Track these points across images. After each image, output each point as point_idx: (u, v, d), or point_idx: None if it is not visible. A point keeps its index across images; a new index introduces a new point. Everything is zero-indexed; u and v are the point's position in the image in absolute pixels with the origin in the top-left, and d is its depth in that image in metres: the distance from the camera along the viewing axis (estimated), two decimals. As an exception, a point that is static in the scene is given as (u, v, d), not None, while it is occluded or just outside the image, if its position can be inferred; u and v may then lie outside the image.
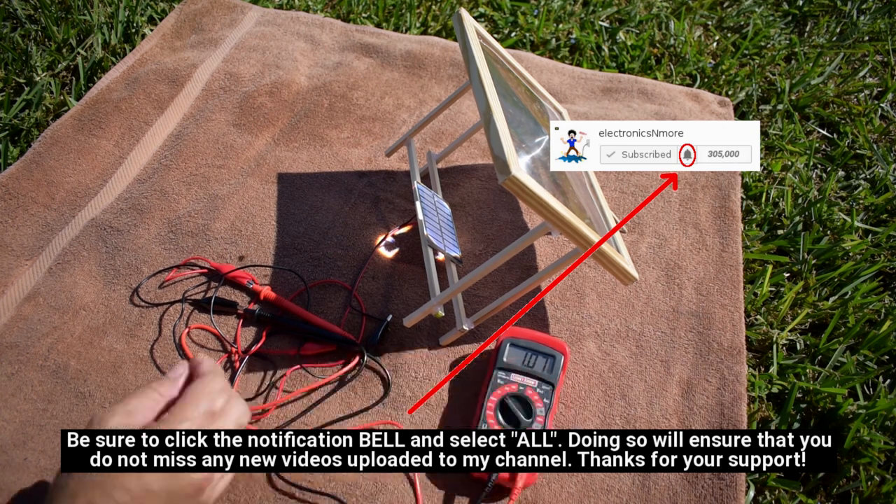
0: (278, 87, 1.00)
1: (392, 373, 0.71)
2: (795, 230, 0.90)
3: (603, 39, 1.19)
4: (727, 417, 0.68)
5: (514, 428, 0.64)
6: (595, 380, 0.71)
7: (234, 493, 0.61)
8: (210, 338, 0.73)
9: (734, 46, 1.22)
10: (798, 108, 1.09)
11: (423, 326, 0.75)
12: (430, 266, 0.72)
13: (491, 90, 0.62)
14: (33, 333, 0.72)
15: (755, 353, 0.79)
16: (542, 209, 0.57)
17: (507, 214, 0.87)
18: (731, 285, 0.80)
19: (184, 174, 0.88)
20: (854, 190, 0.97)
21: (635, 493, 0.63)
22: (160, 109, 0.96)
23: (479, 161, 0.93)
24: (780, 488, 0.67)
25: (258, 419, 0.67)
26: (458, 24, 0.71)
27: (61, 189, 0.86)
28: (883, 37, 1.25)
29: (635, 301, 0.78)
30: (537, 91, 0.86)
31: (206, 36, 1.09)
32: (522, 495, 0.63)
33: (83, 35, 1.10)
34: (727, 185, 0.91)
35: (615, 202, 0.89)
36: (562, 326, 0.76)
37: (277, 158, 0.91)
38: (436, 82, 1.04)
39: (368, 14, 1.21)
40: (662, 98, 1.04)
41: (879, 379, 0.76)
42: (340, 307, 0.76)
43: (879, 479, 0.68)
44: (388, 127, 0.97)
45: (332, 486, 0.63)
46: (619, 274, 0.65)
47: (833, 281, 0.85)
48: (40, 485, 0.61)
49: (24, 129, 0.96)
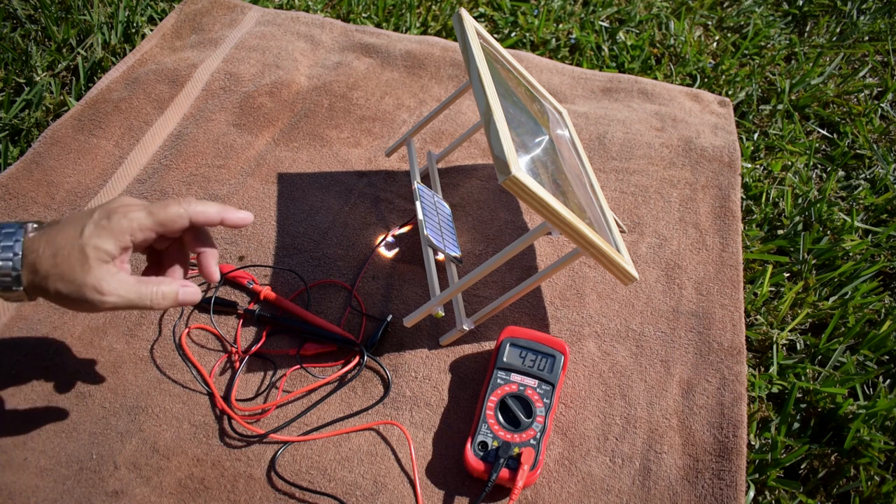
0: (278, 87, 1.00)
1: (392, 373, 0.71)
2: (795, 230, 0.90)
3: (603, 39, 1.19)
4: (727, 417, 0.68)
5: (515, 428, 0.64)
6: (595, 380, 0.71)
7: (234, 494, 0.62)
8: (210, 338, 0.73)
9: (734, 46, 1.22)
10: (798, 108, 1.09)
11: (423, 326, 0.75)
12: (430, 266, 0.72)
13: (491, 90, 0.62)
14: (33, 333, 0.72)
15: (755, 353, 0.79)
16: (542, 209, 0.57)
17: (507, 214, 0.87)
18: (731, 285, 0.80)
19: (184, 174, 0.88)
20: (854, 190, 0.97)
21: (635, 493, 0.63)
22: (160, 109, 0.96)
23: (479, 161, 0.93)
24: (780, 488, 0.67)
25: (258, 419, 0.67)
26: (458, 24, 0.71)
27: (61, 189, 0.85)
28: (883, 37, 1.25)
29: (635, 301, 0.78)
30: (537, 91, 0.86)
31: (206, 36, 1.09)
32: (522, 495, 0.63)
33: (83, 35, 1.10)
34: (727, 185, 0.91)
35: (615, 202, 0.89)
36: (562, 326, 0.76)
37: (277, 158, 0.91)
38: (436, 82, 1.04)
39: (368, 14, 1.21)
40: (662, 98, 1.04)
41: (879, 379, 0.76)
42: (340, 307, 0.76)
43: (879, 479, 0.68)
44: (388, 127, 0.97)
45: (332, 487, 0.63)
46: (619, 274, 0.65)
47: (833, 281, 0.85)
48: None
49: (24, 129, 0.96)
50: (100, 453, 0.63)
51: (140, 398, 0.67)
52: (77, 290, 0.52)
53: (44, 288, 0.52)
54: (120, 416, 0.66)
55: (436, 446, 0.66)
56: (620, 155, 0.94)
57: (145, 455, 0.63)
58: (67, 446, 0.64)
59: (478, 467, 0.62)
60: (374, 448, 0.65)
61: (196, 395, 0.68)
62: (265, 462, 0.64)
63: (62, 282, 0.52)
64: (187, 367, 0.70)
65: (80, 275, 0.52)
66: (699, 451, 0.66)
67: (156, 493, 0.61)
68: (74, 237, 0.52)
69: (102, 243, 0.53)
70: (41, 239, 0.52)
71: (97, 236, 0.53)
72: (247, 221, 0.59)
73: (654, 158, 0.94)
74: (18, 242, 0.52)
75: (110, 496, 0.61)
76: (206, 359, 0.71)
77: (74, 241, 0.52)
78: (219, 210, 0.58)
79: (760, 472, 0.68)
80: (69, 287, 0.52)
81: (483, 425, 0.64)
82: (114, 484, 0.61)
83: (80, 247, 0.52)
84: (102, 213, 0.54)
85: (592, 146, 0.96)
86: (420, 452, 0.65)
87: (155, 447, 0.64)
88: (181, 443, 0.64)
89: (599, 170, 0.93)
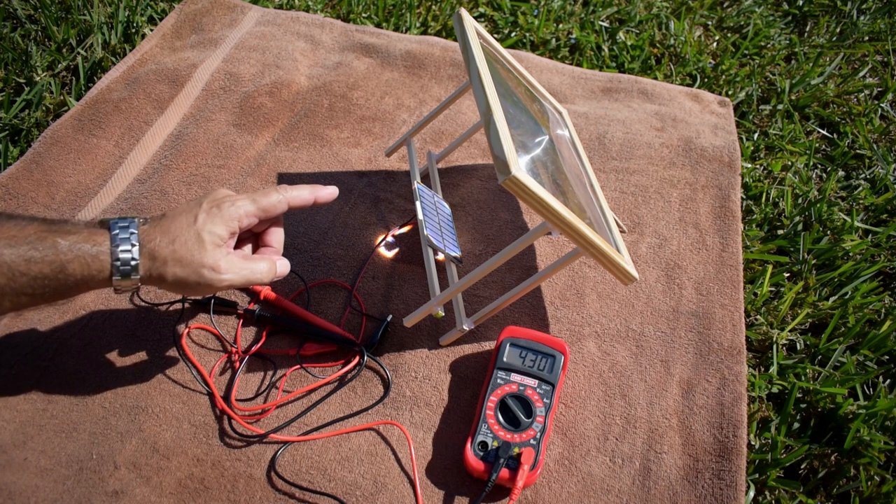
0: (278, 87, 1.00)
1: (392, 373, 0.71)
2: (795, 230, 0.90)
3: (603, 39, 1.19)
4: (727, 417, 0.68)
5: (515, 428, 0.64)
6: (595, 380, 0.71)
7: (234, 494, 0.62)
8: (210, 338, 0.73)
9: (734, 46, 1.22)
10: (798, 108, 1.09)
11: (423, 326, 0.75)
12: (430, 266, 0.72)
13: (491, 90, 0.62)
14: (33, 333, 0.72)
15: (755, 353, 0.79)
16: (542, 209, 0.57)
17: (507, 214, 0.87)
18: (731, 285, 0.80)
19: (184, 174, 0.88)
20: (854, 190, 0.97)
21: (635, 493, 0.63)
22: (160, 109, 0.96)
23: (479, 161, 0.93)
24: (780, 488, 0.67)
25: (258, 419, 0.67)
26: (458, 24, 0.71)
27: (61, 189, 0.85)
28: (883, 37, 1.25)
29: (635, 301, 0.78)
30: (537, 91, 0.86)
31: (206, 36, 1.09)
32: (522, 495, 0.63)
33: (83, 35, 1.10)
34: (727, 185, 0.91)
35: (615, 202, 0.89)
36: (562, 326, 0.76)
37: (277, 158, 0.91)
38: (436, 82, 1.04)
39: (368, 14, 1.21)
40: (662, 98, 1.04)
41: (879, 379, 0.76)
42: (340, 307, 0.76)
43: (879, 479, 0.68)
44: (388, 127, 0.97)
45: (332, 487, 0.63)
46: (619, 274, 0.65)
47: (833, 281, 0.85)
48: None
49: (24, 129, 0.96)
50: (100, 453, 0.63)
51: (140, 398, 0.67)
52: (195, 272, 0.57)
53: (161, 274, 0.56)
54: (120, 416, 0.66)
55: (436, 446, 0.66)
56: (620, 155, 0.94)
57: (145, 455, 0.63)
58: (67, 446, 0.64)
59: (478, 467, 0.62)
60: (374, 448, 0.65)
61: (196, 395, 0.68)
62: (265, 462, 0.64)
63: (180, 265, 0.56)
64: (187, 367, 0.70)
65: (198, 257, 0.57)
66: (699, 451, 0.66)
67: (156, 493, 0.61)
68: (189, 224, 0.58)
69: (216, 228, 0.58)
70: (155, 229, 0.57)
71: (210, 223, 0.58)
72: (334, 194, 0.67)
73: (654, 158, 0.94)
74: (135, 234, 0.56)
75: (110, 496, 0.61)
76: (206, 359, 0.71)
77: (190, 227, 0.57)
78: (311, 191, 0.65)
79: (760, 472, 0.68)
80: (187, 270, 0.57)
81: (483, 425, 0.64)
82: (114, 484, 0.61)
83: (196, 232, 0.57)
84: (211, 203, 0.60)
85: (592, 146, 0.96)
86: (420, 452, 0.65)
87: (155, 447, 0.64)
88: (181, 443, 0.64)
89: (599, 170, 0.93)
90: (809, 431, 0.71)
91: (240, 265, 0.60)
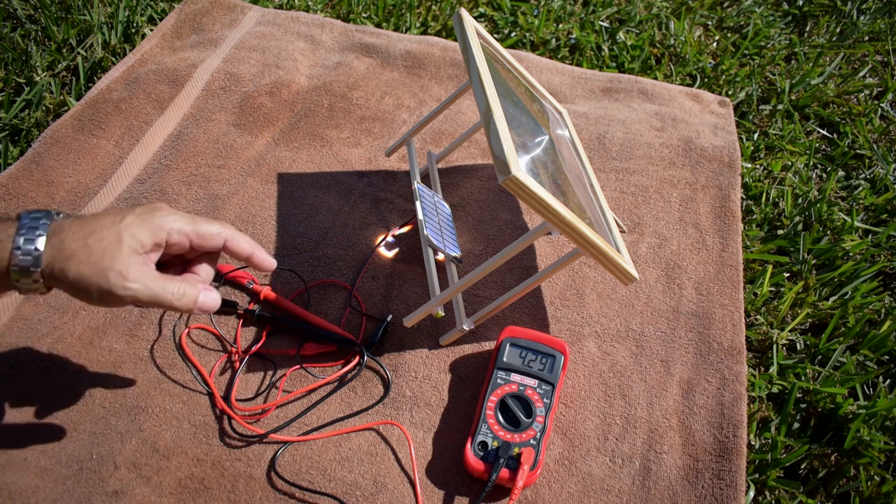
0: (278, 87, 1.00)
1: (392, 373, 0.71)
2: (795, 230, 0.90)
3: (603, 39, 1.19)
4: (727, 417, 0.68)
5: (515, 428, 0.64)
6: (595, 380, 0.71)
7: (234, 494, 0.62)
8: (210, 338, 0.73)
9: (734, 46, 1.22)
10: (798, 108, 1.09)
11: (423, 326, 0.75)
12: (430, 266, 0.72)
13: (491, 90, 0.62)
14: (33, 333, 0.72)
15: (755, 353, 0.79)
16: (542, 209, 0.57)
17: (507, 214, 0.87)
18: (731, 285, 0.80)
19: (184, 174, 0.88)
20: (854, 190, 0.97)
21: (635, 493, 0.63)
22: (160, 109, 0.96)
23: (479, 161, 0.93)
24: (780, 488, 0.67)
25: (258, 419, 0.67)
26: (458, 24, 0.71)
27: (61, 189, 0.85)
28: (883, 37, 1.25)
29: (635, 301, 0.78)
30: (537, 91, 0.86)
31: (206, 36, 1.09)
32: (522, 495, 0.63)
33: (83, 35, 1.10)
34: (727, 185, 0.91)
35: (615, 202, 0.89)
36: (562, 326, 0.76)
37: (277, 158, 0.91)
38: (436, 82, 1.04)
39: (368, 14, 1.21)
40: (662, 98, 1.04)
41: (879, 379, 0.76)
42: (340, 307, 0.76)
43: (879, 479, 0.68)
44: (388, 127, 0.97)
45: (332, 487, 0.63)
46: (619, 274, 0.65)
47: (833, 281, 0.85)
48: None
49: (24, 129, 0.96)
50: (100, 453, 0.63)
51: (140, 398, 0.67)
52: (100, 273, 0.51)
53: (62, 269, 0.51)
54: (120, 416, 0.66)
55: (436, 446, 0.66)
56: (620, 155, 0.94)
57: (145, 455, 0.63)
58: (67, 446, 0.64)
59: (478, 467, 0.62)
60: (374, 448, 0.65)
61: (196, 395, 0.68)
62: (265, 462, 0.64)
63: (86, 263, 0.51)
64: (187, 367, 0.70)
65: (109, 258, 0.51)
66: (699, 451, 0.66)
67: (156, 493, 0.61)
68: (113, 222, 0.53)
69: (139, 233, 0.53)
70: (73, 222, 0.53)
71: (136, 226, 0.54)
72: (271, 267, 0.62)
73: (654, 158, 0.94)
74: (45, 224, 0.51)
75: (110, 496, 0.61)
76: (206, 359, 0.71)
77: (113, 225, 0.53)
78: (251, 246, 0.60)
79: (760, 472, 0.68)
80: (92, 269, 0.51)
81: (483, 425, 0.64)
82: (114, 484, 0.61)
83: (117, 231, 0.52)
84: (146, 209, 0.56)
85: (592, 146, 0.96)
86: (420, 452, 0.65)
87: (155, 447, 0.64)
88: (181, 443, 0.64)
89: (599, 170, 0.93)
90: (809, 431, 0.71)
91: (151, 278, 0.53)
